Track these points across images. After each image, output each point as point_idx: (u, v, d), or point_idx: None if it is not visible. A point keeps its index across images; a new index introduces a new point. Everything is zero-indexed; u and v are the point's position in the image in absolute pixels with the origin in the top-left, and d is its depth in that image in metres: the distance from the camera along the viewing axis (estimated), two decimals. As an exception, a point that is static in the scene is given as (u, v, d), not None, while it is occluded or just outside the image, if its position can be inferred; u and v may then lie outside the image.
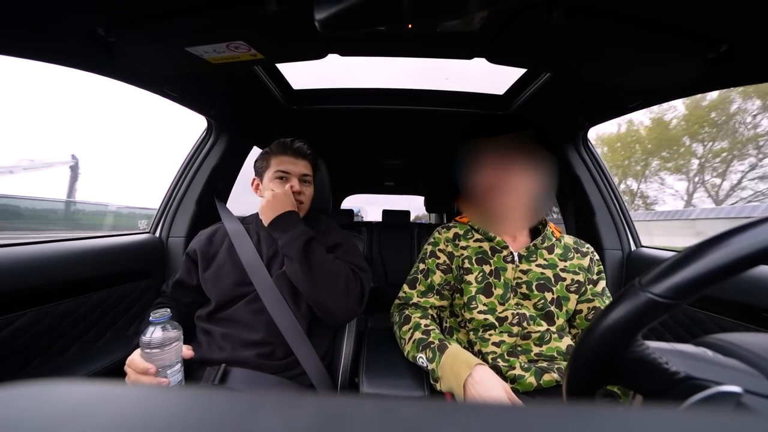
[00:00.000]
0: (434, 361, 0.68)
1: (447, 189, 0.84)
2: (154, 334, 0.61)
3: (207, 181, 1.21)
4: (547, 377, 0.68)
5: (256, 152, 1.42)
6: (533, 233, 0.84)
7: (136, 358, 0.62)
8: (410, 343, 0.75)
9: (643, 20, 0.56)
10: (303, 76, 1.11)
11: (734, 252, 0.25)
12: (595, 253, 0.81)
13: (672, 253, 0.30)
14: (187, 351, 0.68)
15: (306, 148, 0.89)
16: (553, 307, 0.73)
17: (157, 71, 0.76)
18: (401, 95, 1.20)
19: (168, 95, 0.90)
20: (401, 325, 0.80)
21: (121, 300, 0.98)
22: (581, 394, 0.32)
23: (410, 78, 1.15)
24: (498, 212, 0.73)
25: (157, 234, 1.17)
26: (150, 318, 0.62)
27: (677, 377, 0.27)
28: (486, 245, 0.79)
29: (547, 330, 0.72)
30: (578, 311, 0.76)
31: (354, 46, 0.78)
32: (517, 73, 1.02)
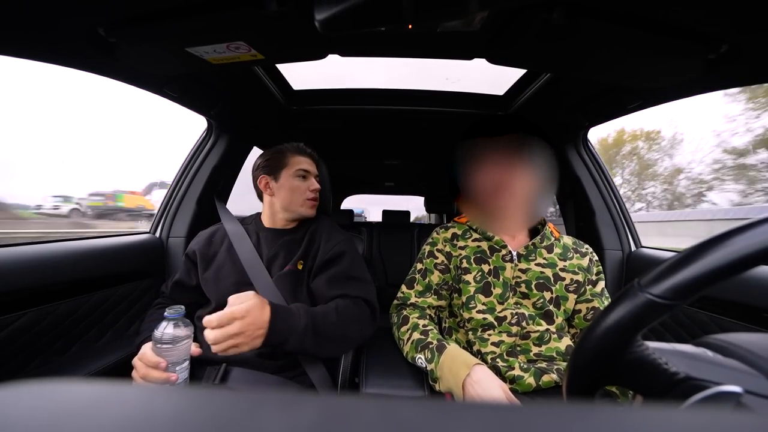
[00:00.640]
0: (433, 362, 0.68)
1: (447, 189, 0.84)
2: (167, 330, 0.62)
3: (207, 182, 1.21)
4: (546, 378, 0.68)
5: (256, 152, 1.42)
6: (532, 233, 0.84)
7: (148, 352, 0.62)
8: (408, 344, 0.75)
9: (643, 20, 0.56)
10: (303, 77, 1.11)
11: (732, 253, 0.25)
12: (594, 254, 0.81)
13: (672, 253, 0.30)
14: (196, 349, 0.69)
15: (316, 155, 0.98)
16: (552, 307, 0.73)
17: (157, 71, 0.76)
18: (401, 96, 1.20)
19: (168, 95, 0.90)
20: (399, 326, 0.80)
21: (122, 300, 0.98)
22: (581, 395, 0.32)
23: (410, 78, 1.15)
24: (497, 212, 0.73)
25: (158, 234, 1.17)
26: (165, 314, 0.63)
27: (677, 378, 0.27)
28: (484, 244, 0.79)
29: (546, 330, 0.72)
30: (577, 311, 0.76)
31: (354, 47, 0.78)
32: (517, 74, 1.02)
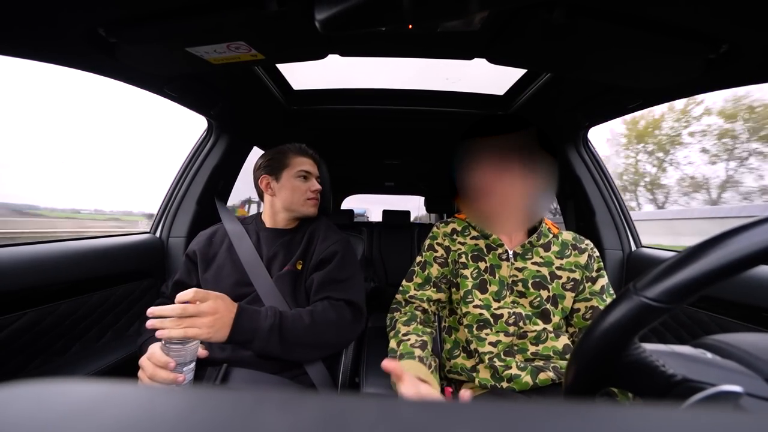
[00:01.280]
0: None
1: (447, 189, 0.84)
2: None
3: (207, 182, 1.21)
4: (543, 376, 0.69)
5: (256, 152, 1.42)
6: (530, 231, 0.84)
7: (157, 352, 0.62)
8: (389, 353, 0.74)
9: (644, 20, 0.56)
10: (303, 77, 1.11)
11: (726, 255, 0.25)
12: (595, 250, 0.80)
13: (672, 254, 0.30)
14: (202, 351, 0.69)
15: (317, 156, 0.99)
16: (549, 305, 0.73)
17: (158, 71, 0.76)
18: (401, 95, 1.20)
19: (168, 95, 0.90)
20: (389, 330, 0.81)
21: (122, 300, 0.98)
22: (581, 395, 0.32)
23: (410, 78, 1.15)
24: (493, 212, 0.73)
25: (158, 234, 1.17)
26: None
27: (674, 380, 0.27)
28: (482, 242, 0.80)
29: (544, 329, 0.72)
30: (575, 310, 0.76)
31: (354, 47, 0.78)
32: (518, 74, 1.02)
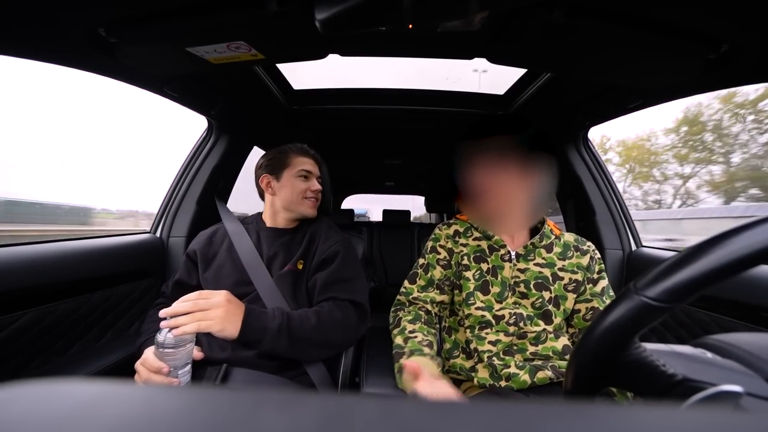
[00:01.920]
0: (395, 368, 0.69)
1: (447, 189, 0.84)
2: (169, 334, 0.60)
3: (207, 181, 1.21)
4: (541, 375, 0.69)
5: (256, 152, 1.42)
6: (532, 232, 0.84)
7: (150, 357, 0.62)
8: (394, 350, 0.75)
9: (643, 20, 0.56)
10: (303, 76, 1.11)
11: (726, 255, 0.25)
12: (597, 251, 0.80)
13: (672, 253, 0.29)
14: (198, 353, 0.68)
15: (318, 156, 0.99)
16: (551, 306, 0.73)
17: (158, 71, 0.76)
18: (401, 95, 1.20)
19: (168, 95, 0.90)
20: (393, 328, 0.81)
21: (122, 300, 0.98)
22: (581, 395, 0.32)
23: (410, 78, 1.15)
24: (493, 213, 0.73)
25: (158, 234, 1.17)
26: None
27: (675, 379, 0.27)
28: (484, 243, 0.80)
29: (544, 330, 0.72)
30: (576, 311, 0.76)
31: (354, 47, 0.78)
32: (518, 73, 1.02)
